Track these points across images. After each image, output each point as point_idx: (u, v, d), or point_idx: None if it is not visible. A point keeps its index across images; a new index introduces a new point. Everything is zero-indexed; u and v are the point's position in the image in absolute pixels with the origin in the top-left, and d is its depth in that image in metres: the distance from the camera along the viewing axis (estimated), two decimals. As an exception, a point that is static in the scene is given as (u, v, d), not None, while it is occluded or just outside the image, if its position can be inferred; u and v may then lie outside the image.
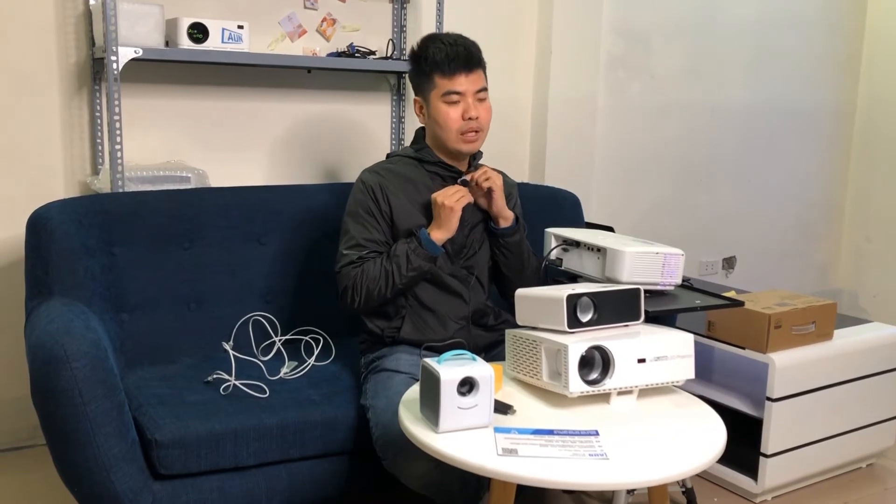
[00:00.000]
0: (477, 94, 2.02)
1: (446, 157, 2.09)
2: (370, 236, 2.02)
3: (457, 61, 1.99)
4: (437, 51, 2.00)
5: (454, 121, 2.01)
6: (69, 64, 2.52)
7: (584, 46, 3.36)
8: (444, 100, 2.01)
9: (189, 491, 1.81)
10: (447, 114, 2.01)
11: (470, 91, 2.01)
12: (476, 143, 2.05)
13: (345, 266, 2.01)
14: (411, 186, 2.06)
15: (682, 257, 2.07)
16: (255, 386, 2.01)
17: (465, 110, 2.00)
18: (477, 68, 2.03)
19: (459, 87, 2.00)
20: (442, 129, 2.02)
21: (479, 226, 2.12)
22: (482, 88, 2.03)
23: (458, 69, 1.99)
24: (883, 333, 2.62)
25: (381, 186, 2.04)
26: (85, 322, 1.77)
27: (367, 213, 2.03)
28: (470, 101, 2.01)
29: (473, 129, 2.02)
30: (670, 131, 3.75)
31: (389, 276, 1.96)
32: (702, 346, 2.55)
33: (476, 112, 2.01)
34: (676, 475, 1.41)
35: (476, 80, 2.02)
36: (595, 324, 1.69)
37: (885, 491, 2.56)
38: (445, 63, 1.99)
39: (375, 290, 1.98)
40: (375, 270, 1.97)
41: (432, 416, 1.51)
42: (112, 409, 1.68)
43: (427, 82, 2.03)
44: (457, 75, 1.99)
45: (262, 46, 2.78)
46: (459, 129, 2.01)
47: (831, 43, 4.21)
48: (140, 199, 2.25)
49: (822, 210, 4.42)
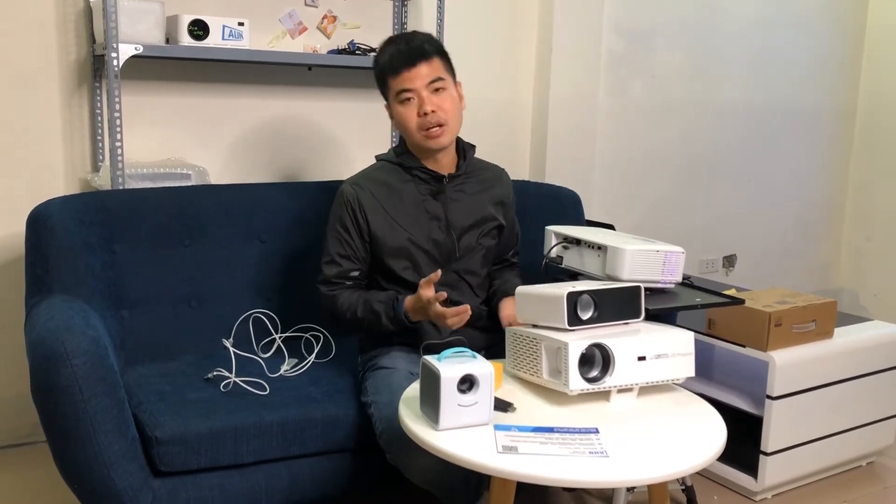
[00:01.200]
0: (430, 85, 1.96)
1: (427, 158, 2.05)
2: (343, 251, 2.02)
3: (399, 58, 1.96)
4: (386, 53, 2.00)
5: (411, 119, 1.98)
6: (69, 61, 2.52)
7: (584, 45, 3.36)
8: (397, 100, 1.99)
9: (189, 488, 1.81)
10: (403, 113, 1.99)
11: (420, 85, 1.96)
12: (442, 137, 1.99)
13: (320, 283, 2.05)
14: (395, 196, 2.03)
15: (682, 255, 2.06)
16: (256, 383, 2.01)
17: (420, 105, 1.96)
18: (420, 61, 1.96)
19: (407, 84, 1.96)
20: (405, 128, 2.01)
21: (471, 231, 2.09)
22: (435, 79, 1.97)
23: (400, 66, 1.96)
24: (883, 332, 2.62)
25: (358, 202, 2.01)
26: (85, 319, 1.77)
27: (342, 227, 2.02)
28: (424, 94, 1.96)
29: (434, 122, 1.96)
30: (671, 130, 3.75)
31: (360, 320, 1.99)
32: (702, 344, 2.55)
33: (430, 105, 1.95)
34: (676, 473, 1.41)
35: (424, 73, 1.96)
36: (595, 321, 1.69)
37: (885, 489, 2.56)
38: (389, 63, 1.97)
39: (344, 320, 2.02)
40: (348, 307, 1.99)
41: (432, 413, 1.51)
42: (112, 406, 1.68)
43: (384, 87, 2.02)
44: (401, 72, 1.96)
45: (263, 43, 2.78)
46: (420, 126, 1.97)
47: (832, 42, 4.21)
48: (140, 197, 2.25)
49: (823, 209, 4.42)
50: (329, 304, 2.03)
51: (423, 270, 2.02)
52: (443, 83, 1.99)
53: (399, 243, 2.01)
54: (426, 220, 2.04)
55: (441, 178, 2.05)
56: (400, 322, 1.93)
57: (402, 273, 2.03)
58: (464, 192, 2.09)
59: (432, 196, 2.05)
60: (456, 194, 2.08)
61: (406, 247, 2.02)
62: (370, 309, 1.97)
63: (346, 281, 2.03)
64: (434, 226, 2.04)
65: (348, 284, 2.03)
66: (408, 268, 2.03)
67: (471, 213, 2.09)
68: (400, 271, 2.03)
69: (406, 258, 2.03)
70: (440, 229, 2.05)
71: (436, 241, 2.04)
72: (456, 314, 1.83)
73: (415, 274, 2.02)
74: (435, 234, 2.04)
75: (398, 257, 2.02)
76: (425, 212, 2.04)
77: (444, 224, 2.05)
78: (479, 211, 2.11)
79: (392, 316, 1.94)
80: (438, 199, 2.05)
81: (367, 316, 1.97)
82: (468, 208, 2.09)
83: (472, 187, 2.11)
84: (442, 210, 2.05)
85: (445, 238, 2.05)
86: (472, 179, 2.12)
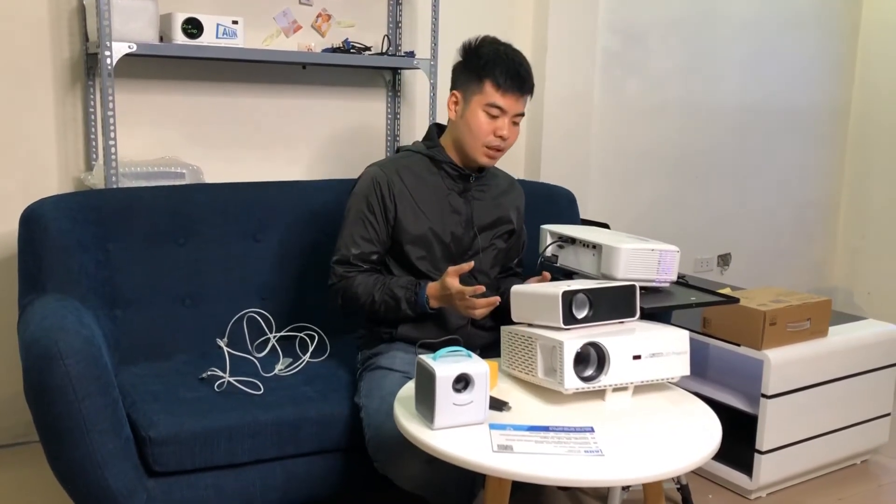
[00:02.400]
0: (514, 117, 2.01)
1: (460, 158, 2.07)
2: (366, 234, 2.02)
3: (515, 80, 1.97)
4: (498, 58, 1.98)
5: (486, 132, 1.99)
6: (63, 59, 2.51)
7: (580, 43, 3.36)
8: (485, 109, 1.98)
9: (183, 488, 1.81)
10: (482, 123, 1.99)
11: (511, 112, 1.99)
12: (495, 160, 2.06)
13: (336, 264, 2.03)
14: (421, 185, 2.05)
15: (677, 254, 2.07)
16: (250, 383, 2.00)
17: (499, 127, 1.99)
18: (528, 94, 2.03)
19: (505, 105, 1.98)
20: (470, 135, 2.01)
21: (488, 231, 2.11)
22: (521, 114, 2.03)
23: (514, 89, 1.97)
24: (877, 330, 2.63)
25: (388, 185, 2.02)
26: (79, 318, 1.76)
27: (368, 209, 2.02)
28: (507, 120, 1.99)
29: (498, 147, 2.01)
30: (666, 129, 3.75)
31: (376, 304, 1.98)
32: (697, 343, 2.55)
33: (508, 133, 2.00)
34: (671, 472, 1.41)
35: (521, 105, 2.02)
36: (591, 320, 1.69)
37: (880, 487, 2.57)
38: (504, 76, 1.96)
39: (357, 304, 2.01)
40: (364, 290, 1.98)
41: (427, 412, 1.51)
42: (106, 406, 1.67)
43: (475, 83, 1.99)
44: (510, 94, 1.97)
45: (257, 42, 2.77)
46: (487, 143, 2.00)
47: (827, 42, 4.22)
48: (134, 196, 2.24)
49: (818, 207, 4.43)
50: (343, 285, 2.01)
51: (438, 262, 2.04)
52: (521, 119, 2.04)
53: (420, 231, 2.03)
54: (448, 213, 2.06)
55: (468, 177, 2.08)
56: (421, 307, 1.93)
57: (417, 262, 2.03)
58: (486, 193, 2.13)
59: (457, 192, 2.08)
60: (479, 193, 2.11)
61: (426, 236, 2.03)
62: (390, 293, 1.96)
63: (364, 264, 2.02)
64: (455, 220, 2.06)
65: (365, 268, 2.02)
66: (423, 257, 2.04)
67: (491, 213, 2.12)
68: (415, 260, 2.03)
69: (424, 247, 2.04)
70: (460, 224, 2.07)
71: (455, 235, 2.06)
72: (488, 304, 1.85)
73: (429, 265, 2.04)
74: (455, 228, 2.06)
75: (416, 245, 2.03)
76: (449, 205, 2.06)
77: (466, 220, 2.07)
78: (498, 212, 2.14)
79: (413, 301, 1.94)
80: (463, 195, 2.08)
81: (384, 300, 1.96)
82: (489, 208, 2.12)
83: (493, 190, 2.16)
84: (465, 206, 2.08)
85: (464, 233, 2.06)
86: (493, 182, 2.17)
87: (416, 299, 1.93)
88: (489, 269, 2.14)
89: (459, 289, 1.85)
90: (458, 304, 1.88)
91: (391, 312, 1.97)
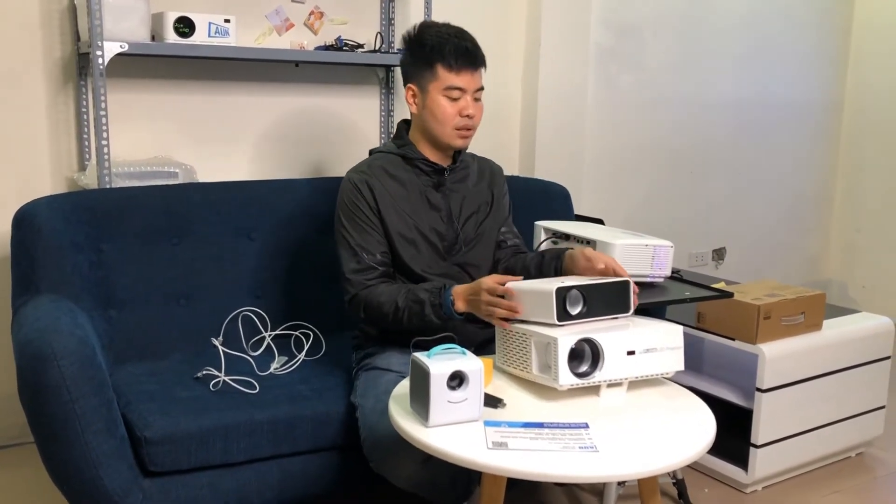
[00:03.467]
0: (475, 92, 1.99)
1: (432, 150, 2.05)
2: (370, 239, 1.98)
3: (465, 57, 1.95)
4: (443, 40, 1.95)
5: (451, 116, 1.97)
6: (54, 59, 2.50)
7: (573, 39, 3.36)
8: (445, 94, 1.96)
9: (179, 488, 1.81)
10: (445, 107, 1.97)
11: (471, 89, 1.98)
12: (468, 139, 2.03)
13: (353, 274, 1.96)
14: (399, 185, 2.03)
15: (671, 249, 2.07)
16: (245, 382, 2.00)
17: (464, 107, 1.97)
18: (481, 66, 2.00)
19: (463, 84, 1.96)
20: (437, 123, 1.99)
21: (472, 218, 2.09)
22: (481, 88, 2.01)
23: (465, 65, 1.95)
24: (872, 323, 2.64)
25: (369, 188, 2.00)
26: (72, 319, 1.76)
27: (362, 215, 1.99)
28: (469, 98, 1.98)
29: (467, 126, 1.99)
30: (661, 124, 3.75)
31: (400, 311, 1.89)
32: (692, 338, 2.55)
33: (473, 110, 1.98)
34: (666, 467, 1.41)
35: (478, 79, 2.00)
36: (585, 316, 1.69)
37: (875, 480, 2.58)
38: (453, 56, 1.94)
39: (381, 314, 1.93)
40: (387, 298, 1.91)
41: (422, 410, 1.51)
42: (100, 406, 1.67)
43: (427, 71, 1.97)
44: (463, 71, 1.95)
45: (250, 40, 2.76)
46: (455, 125, 1.98)
47: (820, 37, 4.22)
48: (128, 195, 2.23)
49: (812, 201, 4.44)
50: (365, 295, 1.94)
51: (429, 261, 2.02)
52: (481, 93, 2.02)
53: (406, 231, 2.01)
54: (427, 210, 2.04)
55: (442, 171, 2.06)
56: (446, 311, 1.83)
57: (410, 262, 2.00)
58: (462, 184, 2.10)
59: (434, 188, 2.06)
60: (456, 185, 2.09)
61: (411, 234, 2.01)
62: (413, 298, 1.88)
63: (381, 266, 1.97)
64: (435, 216, 2.04)
65: (382, 270, 1.98)
66: (414, 257, 2.01)
67: (471, 203, 2.10)
68: (408, 260, 2.00)
69: (412, 247, 2.01)
70: (442, 220, 2.05)
71: (438, 231, 2.04)
72: (508, 308, 1.74)
73: (423, 265, 2.01)
74: (437, 224, 2.04)
75: (406, 245, 2.01)
76: (427, 202, 2.04)
77: (446, 215, 2.05)
78: (478, 199, 2.12)
79: (437, 304, 1.84)
80: (440, 190, 2.06)
81: (408, 305, 1.88)
82: (469, 198, 2.10)
83: (469, 179, 2.13)
84: (443, 201, 2.06)
85: (447, 229, 2.05)
86: (468, 171, 2.14)
87: (441, 301, 1.84)
88: (482, 261, 2.10)
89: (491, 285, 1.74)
90: (483, 302, 1.76)
91: (416, 318, 1.87)
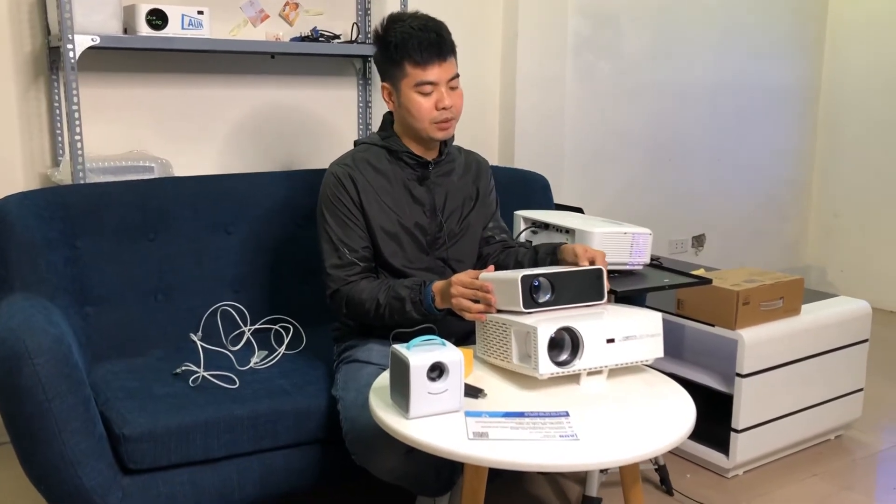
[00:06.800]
0: (449, 82, 1.95)
1: (416, 144, 2.02)
2: (351, 234, 1.96)
3: (430, 50, 1.90)
4: (407, 36, 1.90)
5: (427, 111, 1.93)
6: (24, 53, 2.46)
7: (550, 28, 3.35)
8: (417, 90, 1.92)
9: (159, 485, 1.79)
10: (420, 103, 1.93)
11: (443, 80, 1.93)
12: (449, 129, 1.99)
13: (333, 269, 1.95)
14: (382, 178, 2.01)
15: (650, 237, 2.07)
16: (225, 377, 1.98)
17: (439, 100, 1.93)
18: (450, 56, 1.95)
19: (433, 78, 1.91)
20: (415, 118, 1.95)
21: (456, 212, 2.06)
22: (455, 76, 1.96)
23: (431, 59, 1.91)
24: (850, 307, 2.66)
25: (352, 181, 1.97)
26: (47, 317, 1.74)
27: (344, 208, 1.96)
28: (443, 90, 1.93)
29: (446, 118, 1.95)
30: (639, 112, 3.76)
31: (382, 308, 1.89)
32: (671, 324, 2.57)
33: (450, 101, 1.94)
34: (646, 454, 1.42)
35: (449, 69, 1.94)
36: (554, 304, 1.69)
37: (854, 461, 2.60)
38: (418, 52, 1.90)
39: (362, 310, 1.92)
40: (368, 294, 1.90)
41: (402, 402, 1.50)
42: (77, 404, 1.65)
43: (397, 70, 1.94)
44: (430, 65, 1.91)
45: (224, 32, 2.74)
46: (433, 119, 1.94)
47: (796, 24, 4.25)
48: (102, 191, 2.21)
49: (790, 187, 4.47)
50: (347, 290, 1.93)
51: (411, 257, 2.00)
52: (457, 80, 1.98)
53: (389, 226, 1.98)
54: (411, 203, 2.01)
55: (427, 164, 2.03)
56: (427, 307, 1.83)
57: (391, 259, 1.99)
58: (447, 178, 2.08)
59: (417, 181, 2.03)
60: (440, 179, 2.06)
61: (393, 229, 1.99)
62: (394, 294, 1.87)
63: (362, 262, 1.96)
64: (418, 210, 2.02)
65: (363, 266, 1.96)
66: (396, 252, 1.99)
67: (456, 197, 2.07)
68: (388, 256, 1.98)
69: (394, 241, 1.99)
70: (425, 214, 2.02)
71: (420, 225, 2.01)
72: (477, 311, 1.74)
73: (404, 260, 1.99)
74: (419, 218, 2.02)
75: (386, 240, 1.98)
76: (410, 196, 2.02)
77: (430, 209, 2.03)
78: (463, 193, 2.09)
79: (418, 301, 1.83)
80: (424, 184, 2.03)
81: (389, 302, 1.87)
82: (453, 192, 2.07)
83: (454, 172, 2.10)
84: (427, 195, 2.03)
85: (430, 223, 2.02)
86: (452, 165, 2.11)
87: (422, 298, 1.83)
88: (466, 256, 2.09)
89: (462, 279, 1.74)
90: (452, 296, 1.75)
91: (397, 315, 1.87)
